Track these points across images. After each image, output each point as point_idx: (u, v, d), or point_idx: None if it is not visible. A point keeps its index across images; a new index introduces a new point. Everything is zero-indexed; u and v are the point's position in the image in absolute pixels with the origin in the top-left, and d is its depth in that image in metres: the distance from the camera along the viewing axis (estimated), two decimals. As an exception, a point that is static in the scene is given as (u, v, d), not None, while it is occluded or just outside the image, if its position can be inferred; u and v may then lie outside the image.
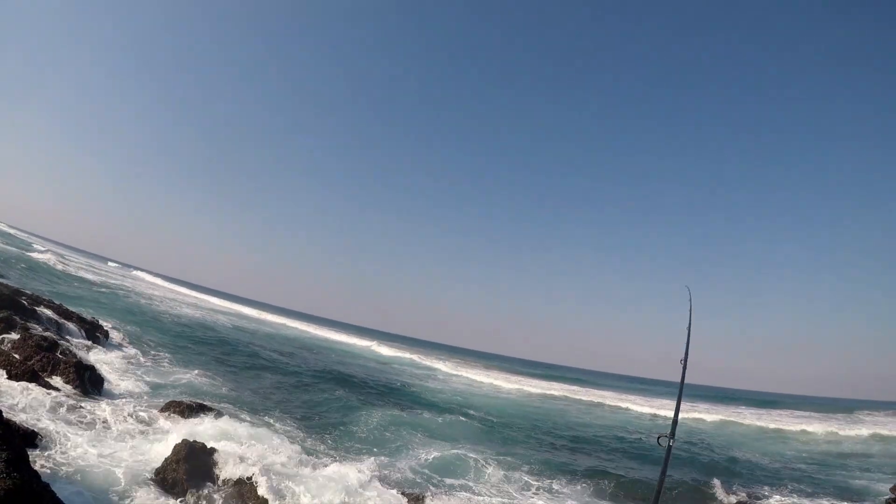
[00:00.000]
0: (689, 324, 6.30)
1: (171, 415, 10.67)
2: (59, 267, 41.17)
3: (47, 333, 14.05)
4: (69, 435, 8.40)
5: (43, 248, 56.54)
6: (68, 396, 10.30)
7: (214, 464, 8.30)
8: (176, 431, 10.01)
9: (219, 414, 11.33)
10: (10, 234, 70.98)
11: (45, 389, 10.24)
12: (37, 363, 11.28)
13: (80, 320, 17.40)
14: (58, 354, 12.18)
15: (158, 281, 79.92)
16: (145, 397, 12.21)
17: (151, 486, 7.65)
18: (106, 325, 19.19)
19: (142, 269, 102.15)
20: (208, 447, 8.54)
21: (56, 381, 11.05)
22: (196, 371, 16.63)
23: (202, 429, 10.45)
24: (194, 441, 8.48)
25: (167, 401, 11.40)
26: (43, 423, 8.58)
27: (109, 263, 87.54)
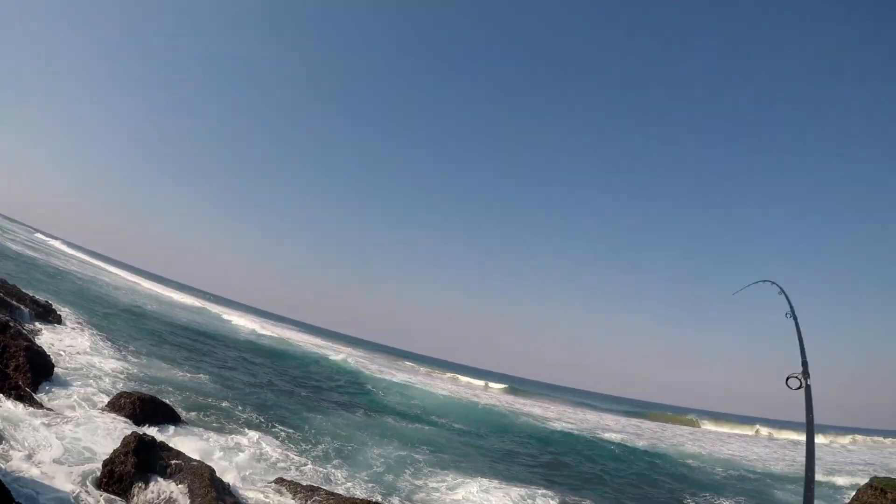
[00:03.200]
0: (796, 321, 5.12)
1: (122, 406, 10.58)
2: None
3: (-4, 315, 13.61)
4: (13, 421, 8.29)
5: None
6: (15, 382, 10.09)
7: (164, 457, 8.32)
8: (126, 423, 9.99)
9: (172, 407, 11.31)
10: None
11: (-10, 374, 10.01)
12: (-17, 346, 10.98)
13: (32, 302, 16.89)
14: (6, 337, 11.85)
15: (80, 255, 77.28)
16: (96, 385, 12.03)
17: (99, 479, 7.65)
18: (60, 310, 18.65)
19: (58, 238, 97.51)
20: (158, 440, 8.56)
21: (3, 365, 10.79)
22: (148, 360, 16.40)
23: (153, 421, 10.45)
24: (144, 434, 8.48)
25: (119, 391, 11.28)
26: (-13, 409, 8.44)
27: (36, 235, 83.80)
